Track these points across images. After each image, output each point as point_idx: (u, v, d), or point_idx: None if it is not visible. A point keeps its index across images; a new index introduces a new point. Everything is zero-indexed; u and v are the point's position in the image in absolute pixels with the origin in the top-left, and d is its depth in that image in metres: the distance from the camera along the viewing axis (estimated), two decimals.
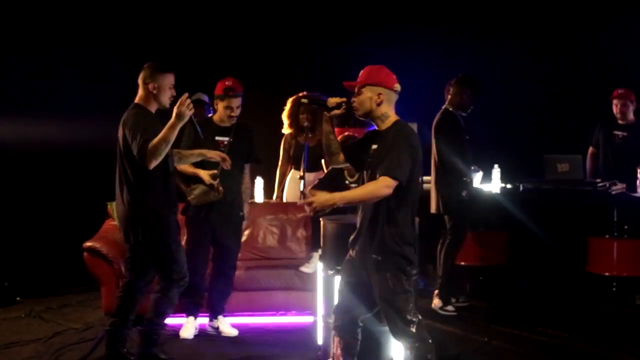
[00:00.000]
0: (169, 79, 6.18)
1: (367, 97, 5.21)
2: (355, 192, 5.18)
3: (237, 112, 7.10)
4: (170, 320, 7.54)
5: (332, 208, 5.03)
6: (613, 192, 8.30)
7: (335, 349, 5.49)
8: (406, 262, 5.10)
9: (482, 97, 8.19)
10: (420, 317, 5.09)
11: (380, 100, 5.20)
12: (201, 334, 7.19)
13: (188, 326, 7.16)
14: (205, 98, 9.13)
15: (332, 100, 5.37)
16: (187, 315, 7.20)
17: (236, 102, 7.05)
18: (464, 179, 7.96)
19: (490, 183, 8.94)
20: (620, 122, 8.94)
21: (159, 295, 6.24)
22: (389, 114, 5.25)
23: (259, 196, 8.98)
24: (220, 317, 7.24)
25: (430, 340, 5.08)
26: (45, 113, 9.47)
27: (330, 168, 8.15)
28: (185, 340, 7.06)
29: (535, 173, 8.78)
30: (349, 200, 5.15)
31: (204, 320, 7.33)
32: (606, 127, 9.04)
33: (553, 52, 10.04)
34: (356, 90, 5.25)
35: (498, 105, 9.36)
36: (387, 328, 5.50)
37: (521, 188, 8.53)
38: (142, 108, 6.20)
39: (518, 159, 9.47)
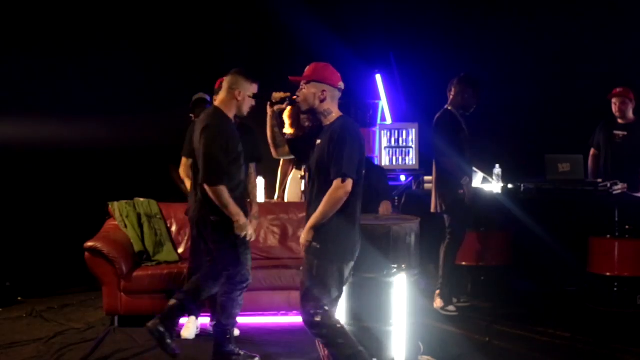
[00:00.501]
0: (253, 89, 6.26)
1: (311, 92, 5.37)
2: (322, 210, 5.23)
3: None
4: None
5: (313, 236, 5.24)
6: (614, 192, 8.29)
7: (322, 351, 5.54)
8: (340, 255, 5.29)
9: (483, 97, 8.19)
10: (327, 308, 5.28)
11: (324, 97, 5.37)
12: (202, 333, 7.19)
13: (189, 326, 7.14)
14: (207, 98, 9.12)
15: (276, 95, 5.48)
16: (188, 315, 7.16)
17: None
18: (463, 178, 7.96)
19: (491, 183, 8.94)
20: (620, 121, 8.94)
21: (223, 299, 6.28)
22: (331, 110, 5.41)
23: (260, 196, 8.98)
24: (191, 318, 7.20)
25: (339, 325, 5.32)
26: (47, 114, 9.50)
27: None
28: (186, 340, 7.05)
29: (536, 173, 8.78)
30: (320, 220, 5.24)
31: (204, 320, 7.34)
32: (606, 128, 9.03)
33: (555, 51, 10.04)
34: (301, 85, 5.41)
35: (499, 105, 9.36)
36: (390, 328, 5.54)
37: (522, 188, 8.52)
38: (222, 113, 6.22)
39: (519, 159, 9.47)
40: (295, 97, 5.43)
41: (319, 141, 5.38)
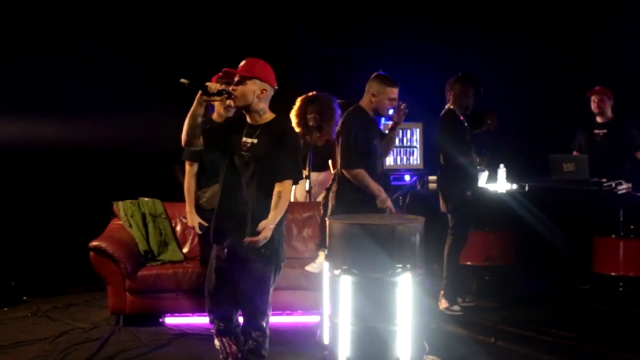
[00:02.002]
0: (389, 92, 6.83)
1: (250, 89, 5.38)
2: (280, 211, 5.32)
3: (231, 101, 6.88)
4: (174, 320, 7.59)
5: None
6: (619, 192, 8.30)
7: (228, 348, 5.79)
8: (282, 258, 5.56)
9: (487, 97, 8.18)
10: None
11: (263, 96, 5.40)
12: (208, 333, 7.19)
13: None
14: None
15: (213, 87, 5.34)
16: None
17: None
18: (469, 178, 7.98)
19: (496, 183, 8.94)
20: (599, 120, 9.08)
21: None
22: (266, 110, 5.48)
23: None
24: None
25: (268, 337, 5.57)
26: (51, 113, 9.50)
27: None
28: (191, 339, 7.05)
29: (541, 173, 8.78)
30: (277, 219, 5.32)
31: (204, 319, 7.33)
32: (586, 129, 9.18)
33: (559, 50, 10.04)
34: (237, 79, 5.38)
35: (504, 104, 9.34)
36: (395, 328, 5.54)
37: (527, 188, 8.52)
38: (363, 110, 6.90)
39: (524, 159, 9.46)
40: (232, 90, 5.38)
41: (252, 140, 5.41)
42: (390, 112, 7.01)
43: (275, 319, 7.07)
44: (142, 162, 9.79)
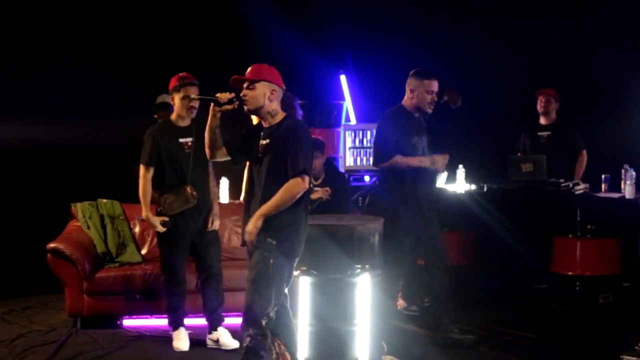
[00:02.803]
0: (427, 85, 6.93)
1: (260, 92, 5.41)
2: (277, 201, 5.22)
3: (196, 103, 6.77)
4: (132, 322, 7.54)
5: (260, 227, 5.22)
6: (576, 192, 8.36)
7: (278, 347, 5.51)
8: (296, 251, 5.38)
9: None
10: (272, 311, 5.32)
11: (274, 97, 5.45)
12: (166, 335, 7.15)
13: (182, 337, 6.94)
14: (170, 100, 9.09)
15: (223, 96, 5.39)
16: (175, 328, 6.99)
17: (193, 90, 6.73)
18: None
19: (455, 183, 8.98)
20: (542, 122, 9.20)
21: None
22: (278, 110, 5.50)
23: (224, 197, 8.95)
24: (220, 329, 6.94)
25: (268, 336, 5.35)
26: (7, 113, 9.41)
27: None
28: (148, 341, 7.02)
29: (499, 173, 8.83)
30: (273, 211, 5.22)
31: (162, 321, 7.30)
32: (530, 132, 9.29)
33: (519, 51, 10.08)
34: (247, 85, 5.41)
35: (463, 105, 9.37)
36: (353, 328, 5.54)
37: (485, 188, 8.56)
38: (400, 109, 7.02)
39: (483, 160, 9.50)
40: (243, 95, 5.40)
41: (265, 141, 5.40)
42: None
43: (234, 320, 7.04)
44: (101, 164, 9.73)
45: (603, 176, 8.55)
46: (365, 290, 5.67)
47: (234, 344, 6.77)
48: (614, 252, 8.33)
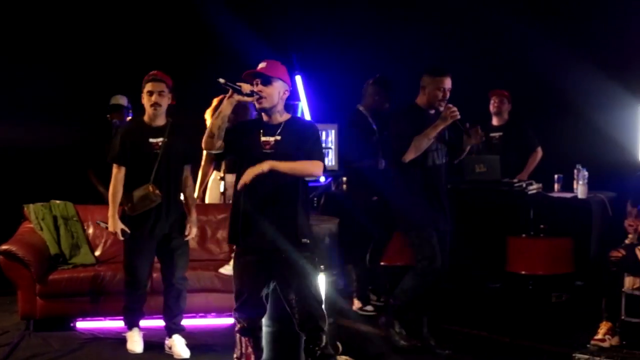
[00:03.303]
0: (438, 82, 6.82)
1: (276, 90, 5.37)
2: (296, 166, 5.30)
3: (160, 99, 6.59)
4: (86, 325, 7.48)
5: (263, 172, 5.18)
6: (529, 192, 8.45)
7: (245, 348, 5.50)
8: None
9: (399, 98, 8.23)
10: None
11: (285, 97, 5.42)
12: (120, 337, 7.10)
13: (135, 339, 6.88)
14: (124, 102, 9.03)
15: (246, 87, 5.32)
16: (129, 329, 6.93)
17: (157, 86, 6.59)
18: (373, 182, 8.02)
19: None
20: (494, 123, 9.25)
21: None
22: (283, 109, 5.45)
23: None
24: (175, 336, 6.81)
25: None
26: None
27: None
28: (102, 343, 6.97)
29: (454, 174, 8.86)
30: (288, 170, 5.26)
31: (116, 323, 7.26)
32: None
33: (470, 53, 10.13)
34: (262, 81, 5.33)
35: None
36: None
37: None
38: (413, 106, 6.94)
39: None
40: (260, 91, 5.32)
41: (274, 138, 5.36)
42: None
43: (188, 322, 7.02)
44: (54, 165, 9.64)
45: (556, 176, 8.66)
46: (321, 291, 5.67)
47: (185, 353, 6.68)
48: (566, 252, 8.44)
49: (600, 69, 8.90)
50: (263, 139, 5.37)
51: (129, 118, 8.80)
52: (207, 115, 8.71)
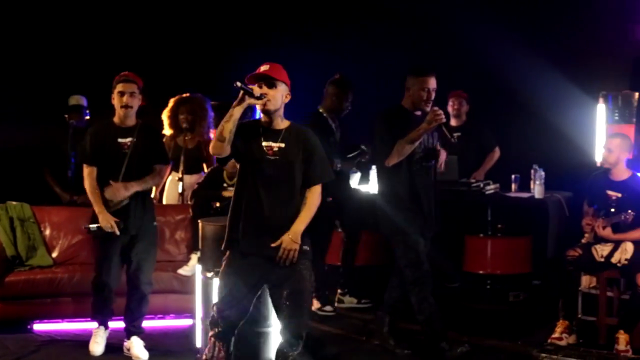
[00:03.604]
0: (422, 82, 6.64)
1: (280, 93, 5.26)
2: (309, 214, 5.31)
3: (130, 100, 6.54)
4: (43, 327, 7.42)
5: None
6: (487, 192, 8.50)
7: (217, 352, 5.43)
8: None
9: (356, 99, 8.24)
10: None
11: (287, 100, 5.31)
12: (78, 339, 7.05)
13: (98, 340, 6.78)
14: (83, 102, 8.96)
15: (257, 90, 5.19)
16: (98, 326, 6.84)
17: (128, 87, 6.54)
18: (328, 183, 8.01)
19: (368, 184, 9.02)
20: (453, 123, 9.29)
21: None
22: (283, 114, 5.36)
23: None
24: (134, 338, 6.74)
25: None
26: None
27: (210, 169, 8.15)
28: (60, 345, 6.91)
29: None
30: (307, 222, 5.28)
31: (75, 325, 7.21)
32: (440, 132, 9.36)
33: (429, 54, 10.16)
34: (266, 84, 5.22)
35: (374, 106, 9.41)
36: (268, 329, 5.54)
37: None
38: (398, 108, 6.76)
39: None
40: (265, 94, 5.19)
41: (278, 144, 5.27)
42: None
43: (147, 323, 6.97)
44: (10, 165, 9.54)
45: (513, 176, 8.72)
46: None
47: (144, 355, 6.63)
48: (523, 251, 8.51)
49: (557, 70, 8.97)
50: (265, 143, 5.27)
51: (87, 118, 8.74)
52: (164, 116, 8.69)
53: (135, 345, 6.69)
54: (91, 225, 6.59)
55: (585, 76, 9.04)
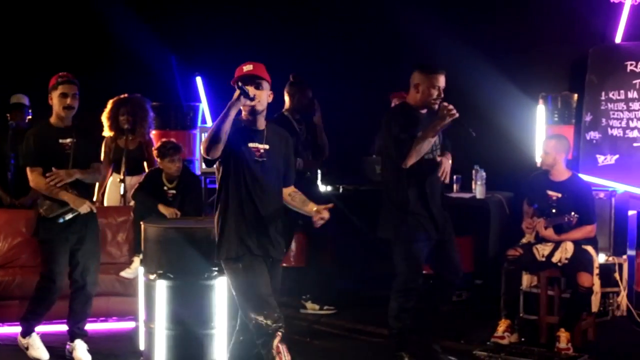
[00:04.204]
0: (432, 80, 6.30)
1: (266, 93, 5.21)
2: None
3: (73, 102, 6.47)
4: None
5: None
6: None
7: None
8: None
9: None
10: None
11: (270, 99, 5.28)
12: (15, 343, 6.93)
13: (38, 345, 6.64)
14: (26, 101, 8.86)
15: (252, 91, 5.09)
16: (25, 336, 6.69)
17: (71, 88, 6.45)
18: None
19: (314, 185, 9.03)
20: None
21: None
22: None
23: None
24: (77, 341, 6.63)
25: None
26: None
27: (149, 170, 8.10)
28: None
29: (355, 175, 8.92)
30: None
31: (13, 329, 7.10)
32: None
33: (373, 54, 10.22)
34: (252, 85, 5.13)
35: (321, 107, 9.45)
36: (212, 331, 5.52)
37: (341, 190, 8.64)
38: (405, 106, 6.46)
39: (340, 161, 9.54)
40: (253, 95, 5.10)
41: (264, 146, 5.23)
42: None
43: (89, 326, 6.90)
44: None
45: (454, 177, 8.77)
46: (222, 293, 5.66)
47: (87, 358, 6.55)
48: (465, 251, 8.55)
49: (498, 71, 9.05)
50: (251, 144, 5.22)
51: (29, 118, 8.66)
52: (104, 118, 8.61)
53: (79, 348, 6.60)
54: (64, 214, 6.48)
55: (526, 78, 9.15)
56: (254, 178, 5.19)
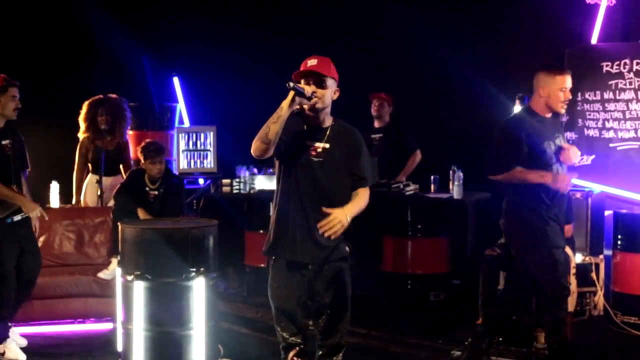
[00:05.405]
0: (560, 82, 5.92)
1: (330, 90, 5.01)
2: (361, 205, 5.08)
3: (18, 104, 6.52)
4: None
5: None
6: (407, 193, 8.57)
7: None
8: None
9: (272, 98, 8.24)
10: None
11: (336, 97, 5.07)
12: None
13: (14, 348, 6.60)
14: None
15: (308, 89, 4.88)
16: (3, 340, 6.64)
17: (18, 91, 6.49)
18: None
19: None
20: (376, 125, 9.37)
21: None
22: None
23: (54, 201, 8.70)
24: (7, 341, 6.61)
25: None
26: None
27: (131, 171, 8.08)
28: None
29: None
30: (356, 212, 5.04)
31: None
32: (364, 134, 9.40)
33: (352, 55, 10.20)
34: (313, 82, 4.96)
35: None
36: (190, 332, 5.51)
37: None
38: (528, 111, 6.10)
39: None
40: (314, 92, 4.90)
41: (323, 145, 5.04)
42: None
43: (67, 328, 6.88)
44: None
45: (432, 177, 8.80)
46: (200, 294, 5.65)
47: (22, 341, 6.64)
48: (443, 251, 8.60)
49: (476, 72, 9.07)
50: (309, 143, 5.05)
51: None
52: (81, 119, 8.58)
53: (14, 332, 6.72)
54: (14, 217, 6.47)
55: (502, 78, 9.17)
56: (306, 177, 5.04)
